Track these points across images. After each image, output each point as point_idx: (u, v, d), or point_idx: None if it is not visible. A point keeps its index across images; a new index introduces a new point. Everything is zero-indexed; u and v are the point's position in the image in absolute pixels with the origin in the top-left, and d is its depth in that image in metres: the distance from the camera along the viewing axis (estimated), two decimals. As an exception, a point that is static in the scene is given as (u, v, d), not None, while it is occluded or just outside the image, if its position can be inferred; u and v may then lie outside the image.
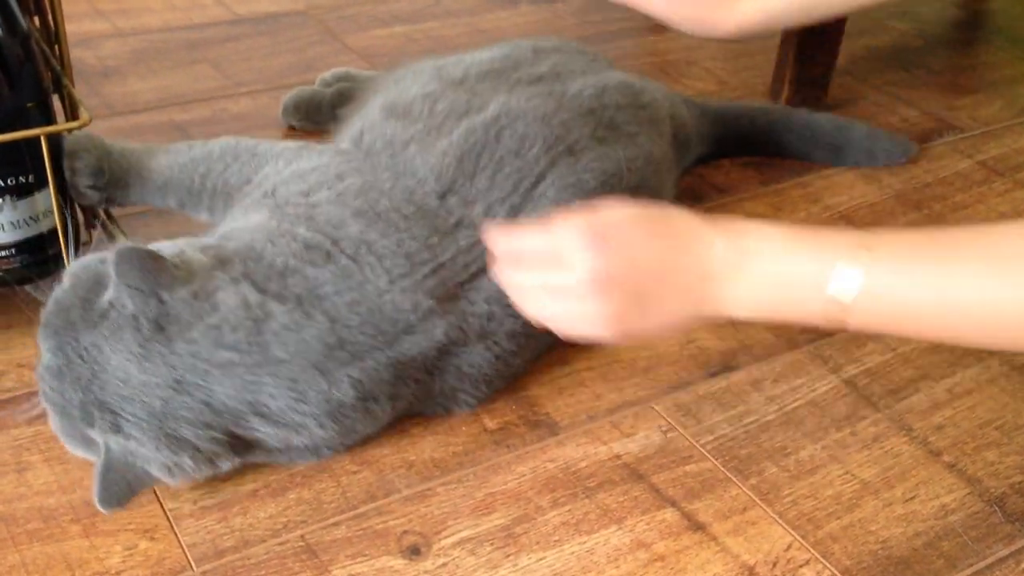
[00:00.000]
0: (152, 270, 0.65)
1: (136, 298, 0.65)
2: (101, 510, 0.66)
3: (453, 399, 0.78)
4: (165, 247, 0.70)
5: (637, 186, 0.87)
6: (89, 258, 0.70)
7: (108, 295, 0.66)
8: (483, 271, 0.76)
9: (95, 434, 0.66)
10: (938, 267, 0.62)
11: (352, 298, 0.70)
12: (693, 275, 0.65)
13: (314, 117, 1.11)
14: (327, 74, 1.15)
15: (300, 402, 0.68)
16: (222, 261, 0.70)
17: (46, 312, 0.68)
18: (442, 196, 0.77)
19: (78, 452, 0.69)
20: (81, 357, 0.65)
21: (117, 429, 0.65)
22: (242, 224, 0.75)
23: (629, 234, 0.66)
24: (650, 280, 0.65)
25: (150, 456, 0.66)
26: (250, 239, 0.72)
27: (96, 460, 0.67)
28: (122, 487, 0.66)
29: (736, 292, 0.65)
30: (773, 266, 0.64)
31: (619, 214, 0.66)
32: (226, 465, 0.69)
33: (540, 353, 0.83)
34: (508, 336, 0.77)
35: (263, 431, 0.68)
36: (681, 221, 0.66)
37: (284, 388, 0.67)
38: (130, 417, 0.65)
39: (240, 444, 0.68)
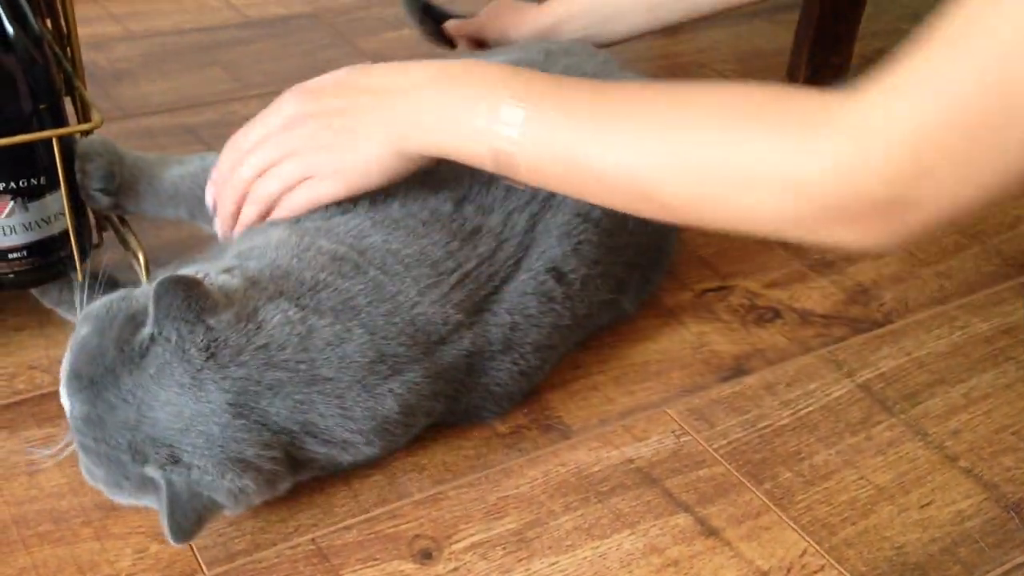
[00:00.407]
0: (195, 297, 0.63)
1: (183, 328, 0.63)
2: (174, 544, 0.63)
3: (476, 414, 0.77)
4: (188, 271, 0.68)
5: None
6: (107, 299, 0.67)
7: (146, 331, 0.64)
8: (505, 282, 0.75)
9: (151, 470, 0.63)
10: (591, 120, 0.64)
11: (387, 309, 0.69)
12: (396, 101, 0.70)
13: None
14: None
15: (348, 419, 0.67)
16: (252, 281, 0.68)
17: (73, 362, 0.65)
18: (457, 203, 0.76)
19: (128, 501, 0.66)
20: (125, 400, 0.63)
21: (176, 460, 0.63)
22: (260, 242, 0.73)
23: (332, 77, 0.73)
24: (348, 105, 0.70)
25: (215, 483, 0.63)
26: (273, 257, 0.70)
27: (156, 499, 0.64)
28: (191, 519, 0.63)
29: (424, 123, 0.69)
30: (451, 97, 0.67)
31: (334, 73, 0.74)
32: (284, 486, 0.67)
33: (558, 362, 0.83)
34: (534, 349, 0.77)
35: (316, 451, 0.67)
36: (393, 64, 0.72)
37: (333, 406, 0.66)
38: (188, 447, 0.63)
39: (295, 464, 0.67)
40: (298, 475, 0.68)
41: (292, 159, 0.73)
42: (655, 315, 0.90)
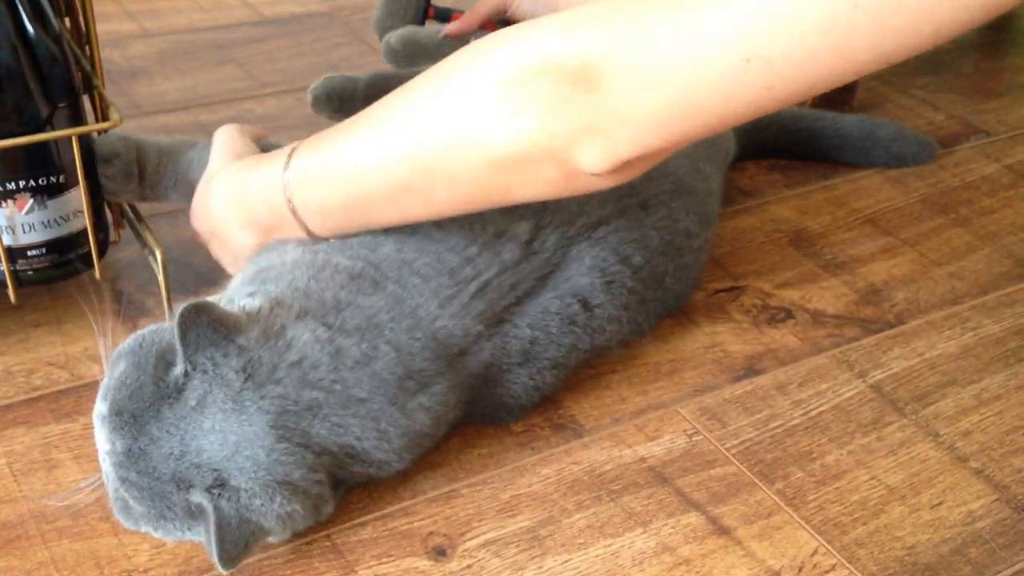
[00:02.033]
0: (217, 320, 0.63)
1: (216, 355, 0.63)
2: (223, 572, 0.62)
3: (488, 418, 0.77)
4: (211, 300, 0.68)
5: (701, 247, 0.89)
6: (137, 334, 0.67)
7: (179, 368, 0.63)
8: (528, 295, 0.75)
9: (198, 495, 0.62)
10: (335, 134, 0.69)
11: (408, 324, 0.69)
12: (227, 235, 0.76)
13: (348, 108, 1.08)
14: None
15: (383, 440, 0.67)
16: (276, 301, 0.68)
17: (113, 399, 0.64)
18: None
19: (173, 535, 0.65)
20: (168, 432, 0.62)
21: (222, 484, 0.62)
22: (275, 261, 0.73)
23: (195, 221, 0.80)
24: (219, 232, 0.77)
25: (265, 508, 0.63)
26: (291, 278, 0.70)
27: (203, 529, 0.63)
28: (239, 545, 0.62)
29: (254, 231, 0.74)
30: (256, 182, 0.73)
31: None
32: (327, 511, 0.67)
33: None
34: (551, 366, 0.76)
35: (356, 471, 0.68)
36: (207, 192, 0.77)
37: (369, 429, 0.66)
38: (236, 471, 0.62)
39: (336, 484, 0.68)
40: (336, 494, 0.69)
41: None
42: (668, 315, 0.91)
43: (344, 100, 1.08)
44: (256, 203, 0.73)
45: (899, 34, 0.52)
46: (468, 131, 0.62)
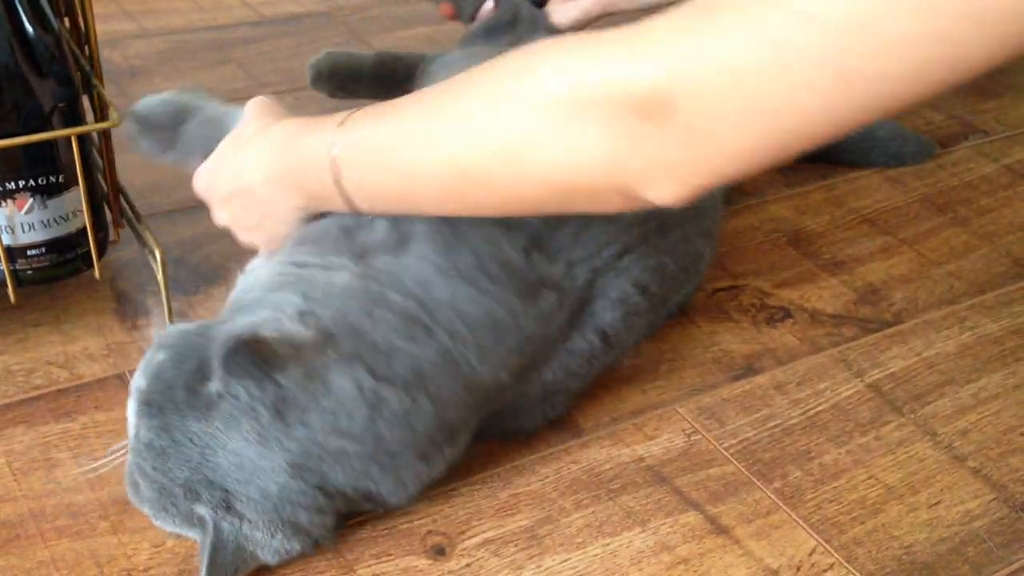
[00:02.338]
0: (262, 355, 0.62)
1: (251, 387, 0.62)
2: None
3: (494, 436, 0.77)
4: (259, 319, 0.67)
5: (705, 267, 0.89)
6: (184, 329, 0.67)
7: (215, 386, 0.63)
8: (556, 342, 0.74)
9: (202, 509, 0.63)
10: (387, 118, 0.67)
11: (450, 375, 0.68)
12: (249, 198, 0.74)
13: (351, 87, 1.05)
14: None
15: (400, 487, 0.67)
16: (326, 335, 0.65)
17: (148, 388, 0.64)
18: (527, 248, 0.72)
19: (171, 528, 0.65)
20: (191, 440, 0.63)
21: (228, 507, 0.62)
22: (322, 278, 0.69)
23: (206, 187, 0.77)
24: (254, 194, 0.73)
25: (264, 540, 0.63)
26: (342, 307, 0.67)
27: (200, 537, 0.64)
28: (229, 571, 0.63)
29: (285, 196, 0.72)
30: (304, 151, 0.70)
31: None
32: (326, 544, 0.67)
33: None
34: (566, 399, 0.77)
35: (365, 508, 0.68)
36: (235, 153, 0.75)
37: (388, 478, 0.66)
38: (244, 498, 0.62)
39: (341, 522, 0.68)
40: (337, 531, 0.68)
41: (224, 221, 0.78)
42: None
43: (348, 78, 1.05)
44: (304, 172, 0.70)
45: (1012, 38, 0.49)
46: (525, 153, 0.59)
